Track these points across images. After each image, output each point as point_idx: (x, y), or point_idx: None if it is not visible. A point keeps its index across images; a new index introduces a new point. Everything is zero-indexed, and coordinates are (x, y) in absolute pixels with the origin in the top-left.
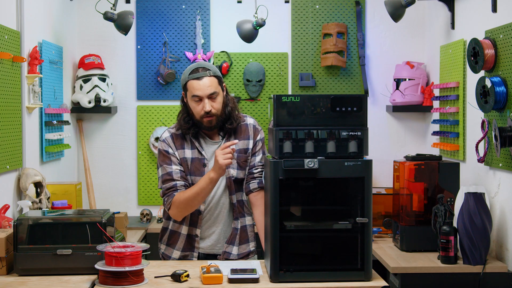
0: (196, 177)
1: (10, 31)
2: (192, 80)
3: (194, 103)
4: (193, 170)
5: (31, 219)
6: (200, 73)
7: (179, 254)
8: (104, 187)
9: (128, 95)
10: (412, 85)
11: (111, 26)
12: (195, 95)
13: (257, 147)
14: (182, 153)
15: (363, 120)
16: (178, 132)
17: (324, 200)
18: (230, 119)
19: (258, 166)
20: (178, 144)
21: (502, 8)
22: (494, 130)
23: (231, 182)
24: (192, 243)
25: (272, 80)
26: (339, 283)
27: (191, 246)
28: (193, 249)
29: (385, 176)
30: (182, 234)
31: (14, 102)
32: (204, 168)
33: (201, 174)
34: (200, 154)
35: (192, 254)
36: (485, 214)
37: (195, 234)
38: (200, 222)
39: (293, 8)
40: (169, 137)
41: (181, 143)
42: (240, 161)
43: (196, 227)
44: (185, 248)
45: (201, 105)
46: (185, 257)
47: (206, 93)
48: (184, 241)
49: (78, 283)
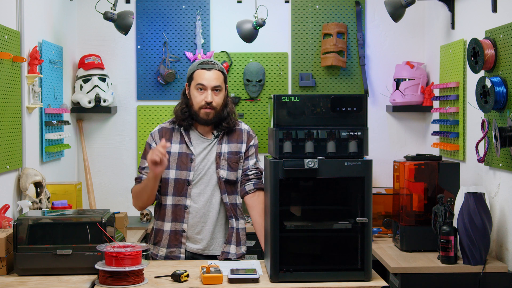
0: (182, 171)
1: (10, 31)
2: (201, 69)
3: (197, 92)
4: (179, 165)
5: (31, 219)
6: (209, 65)
7: (165, 251)
8: (104, 187)
9: (128, 95)
10: (412, 85)
11: (111, 26)
12: (201, 84)
13: (250, 151)
14: (168, 147)
15: (363, 120)
16: (169, 126)
17: (324, 200)
18: (227, 119)
19: (253, 168)
20: (166, 138)
21: (502, 8)
22: (494, 130)
23: (221, 182)
24: (178, 239)
25: (272, 80)
26: (339, 283)
27: (177, 242)
28: (179, 245)
29: (385, 176)
30: (165, 231)
31: (14, 102)
32: (191, 164)
33: (187, 169)
34: (188, 149)
35: (179, 250)
36: (485, 214)
37: (182, 229)
38: (187, 217)
39: (293, 8)
40: (156, 131)
41: (169, 137)
42: (230, 162)
43: (183, 222)
44: (170, 245)
45: (203, 95)
46: (172, 253)
47: (211, 84)
48: (169, 237)
49: (78, 283)
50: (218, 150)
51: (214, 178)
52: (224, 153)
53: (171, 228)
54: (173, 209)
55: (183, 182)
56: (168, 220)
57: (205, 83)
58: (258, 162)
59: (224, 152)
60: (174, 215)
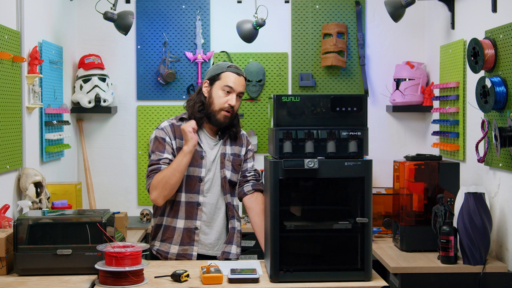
0: (194, 168)
1: (10, 31)
2: (231, 72)
3: (222, 93)
4: (191, 162)
5: (31, 219)
6: (239, 71)
7: (177, 249)
8: (104, 187)
9: (128, 95)
10: (412, 85)
11: (111, 26)
12: (229, 86)
13: (248, 155)
14: (181, 143)
15: (363, 120)
16: (177, 123)
17: (324, 200)
18: (236, 125)
19: (251, 170)
20: (178, 134)
21: (502, 8)
22: (494, 130)
23: (226, 182)
24: (191, 237)
25: (272, 80)
26: (339, 283)
27: (190, 240)
28: (192, 243)
29: (385, 176)
30: (178, 228)
31: (14, 102)
32: (202, 160)
33: (199, 166)
34: (199, 147)
35: (191, 248)
36: (485, 214)
37: (195, 226)
38: (200, 214)
39: (293, 8)
40: (168, 126)
41: (180, 134)
42: (235, 164)
43: (196, 219)
44: (183, 242)
45: (228, 97)
46: (184, 251)
47: (238, 90)
48: (182, 235)
49: (78, 283)
50: (222, 150)
51: (218, 177)
52: (228, 154)
53: (185, 225)
54: (186, 206)
55: (195, 179)
56: (182, 217)
57: (234, 86)
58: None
59: (228, 154)
60: (187, 213)
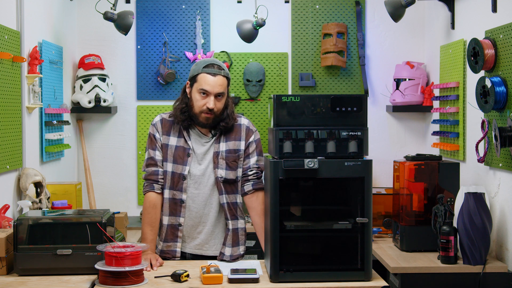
0: (178, 165)
1: (10, 31)
2: (206, 74)
3: (199, 96)
4: (175, 158)
5: (31, 219)
6: (215, 70)
7: (162, 245)
8: (104, 187)
9: (128, 95)
10: (412, 85)
11: (111, 26)
12: (204, 89)
13: (250, 148)
14: (166, 140)
15: (363, 120)
16: (168, 119)
17: (324, 200)
18: (226, 119)
19: (253, 168)
20: (165, 130)
21: (502, 8)
22: (494, 130)
23: (220, 182)
24: (175, 233)
25: (272, 80)
26: (339, 283)
27: (173, 237)
28: (176, 239)
29: (385, 176)
30: (163, 225)
31: (14, 102)
32: (188, 158)
33: (183, 163)
34: (186, 144)
35: (175, 244)
36: (485, 214)
37: (179, 223)
38: (183, 211)
39: (293, 8)
40: (159, 122)
41: (168, 129)
42: (229, 161)
43: (180, 216)
44: (167, 239)
45: (205, 100)
46: (168, 247)
47: (215, 91)
48: (166, 231)
49: (78, 283)
50: (215, 149)
51: (212, 178)
52: (222, 152)
53: (169, 222)
54: (170, 203)
55: (179, 176)
56: (166, 214)
57: (209, 89)
58: (261, 158)
59: (222, 151)
60: (171, 209)
